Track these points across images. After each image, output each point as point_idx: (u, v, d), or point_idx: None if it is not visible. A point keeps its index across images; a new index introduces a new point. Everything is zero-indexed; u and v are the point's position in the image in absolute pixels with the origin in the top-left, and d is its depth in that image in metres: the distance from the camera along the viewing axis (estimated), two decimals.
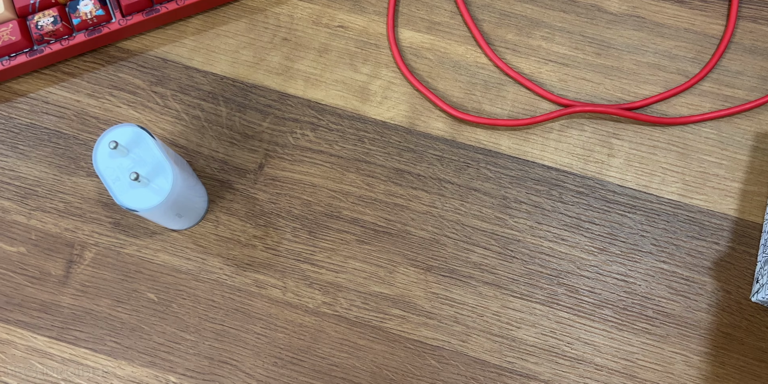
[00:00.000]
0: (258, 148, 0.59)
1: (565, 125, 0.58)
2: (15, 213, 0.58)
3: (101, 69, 0.61)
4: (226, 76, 0.61)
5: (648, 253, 0.55)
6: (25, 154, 0.60)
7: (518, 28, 0.60)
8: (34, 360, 0.56)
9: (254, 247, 0.57)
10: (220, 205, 0.58)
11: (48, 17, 0.59)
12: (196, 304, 0.56)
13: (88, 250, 0.57)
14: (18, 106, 0.61)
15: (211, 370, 0.55)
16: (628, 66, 0.59)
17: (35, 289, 0.57)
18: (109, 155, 0.51)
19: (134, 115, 0.60)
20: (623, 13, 0.60)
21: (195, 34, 0.62)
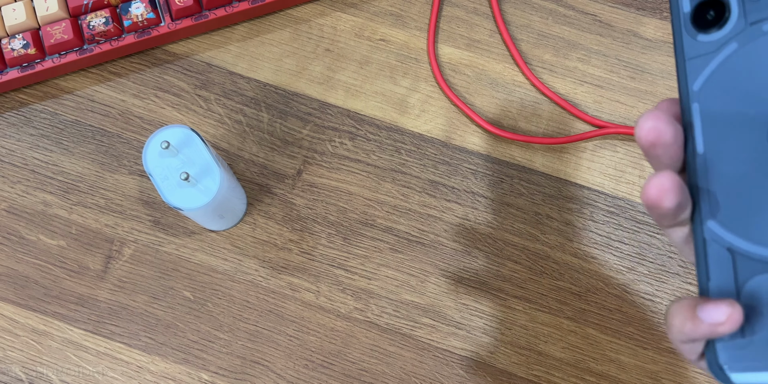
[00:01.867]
0: (297, 154, 0.60)
1: (599, 146, 0.60)
2: (57, 207, 0.60)
3: (147, 70, 0.63)
4: (269, 83, 0.62)
5: (675, 275, 0.57)
6: (69, 149, 0.61)
7: (555, 49, 0.62)
8: (69, 352, 0.57)
9: (290, 251, 0.58)
10: (258, 208, 0.59)
11: (100, 18, 0.60)
12: (231, 304, 0.57)
13: (127, 247, 0.59)
14: (64, 102, 0.62)
15: (243, 369, 0.56)
16: (661, 91, 0.60)
17: (73, 282, 0.58)
18: (159, 154, 0.52)
19: (178, 117, 0.61)
20: (658, 39, 0.62)
21: (240, 40, 0.63)
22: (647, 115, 0.31)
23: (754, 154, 0.31)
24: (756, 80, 0.31)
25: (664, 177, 0.30)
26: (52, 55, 0.61)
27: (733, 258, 0.31)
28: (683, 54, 0.33)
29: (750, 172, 0.31)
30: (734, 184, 0.32)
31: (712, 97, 0.32)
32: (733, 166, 0.32)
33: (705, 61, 0.33)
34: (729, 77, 0.32)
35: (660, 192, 0.30)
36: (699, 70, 0.33)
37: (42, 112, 0.62)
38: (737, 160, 0.32)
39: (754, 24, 0.31)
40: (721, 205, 0.32)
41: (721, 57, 0.32)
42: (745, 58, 0.32)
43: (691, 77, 0.33)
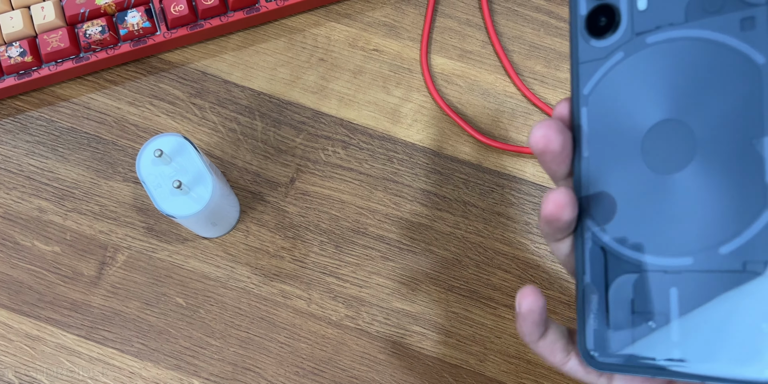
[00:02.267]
0: (290, 162, 0.61)
1: None
2: (52, 213, 0.60)
3: (143, 78, 0.63)
4: (263, 91, 0.63)
5: None
6: (65, 156, 0.61)
7: (547, 61, 0.63)
8: (62, 357, 0.57)
9: (282, 258, 0.59)
10: (251, 215, 0.60)
11: (96, 26, 0.61)
12: (223, 310, 0.58)
13: (120, 253, 0.59)
14: (60, 110, 0.63)
15: (234, 376, 0.56)
16: None
17: (67, 288, 0.59)
18: (152, 162, 0.53)
19: (172, 125, 0.62)
20: None
21: (235, 50, 0.64)
22: (540, 124, 0.33)
23: (630, 160, 0.33)
24: (634, 90, 0.34)
25: (561, 193, 0.33)
26: (49, 62, 0.62)
27: (605, 256, 0.34)
28: (577, 57, 0.35)
29: (626, 178, 0.34)
30: (612, 188, 0.34)
31: (598, 103, 0.35)
32: (611, 171, 0.34)
33: (596, 66, 0.35)
34: (613, 85, 0.34)
35: (557, 207, 0.33)
36: (590, 75, 0.35)
37: (38, 119, 0.63)
38: (616, 166, 0.34)
39: (639, 35, 0.34)
40: (599, 206, 0.34)
41: (609, 64, 0.34)
42: (628, 67, 0.34)
43: (583, 81, 0.35)
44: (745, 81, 0.31)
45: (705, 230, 0.32)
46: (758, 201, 0.30)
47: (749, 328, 0.30)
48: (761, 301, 0.30)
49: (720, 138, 0.32)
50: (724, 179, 0.31)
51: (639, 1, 0.34)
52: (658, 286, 0.33)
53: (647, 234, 0.33)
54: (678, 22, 0.33)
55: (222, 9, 0.62)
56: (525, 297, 0.35)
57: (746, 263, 0.31)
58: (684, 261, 0.32)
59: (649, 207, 0.33)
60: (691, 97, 0.32)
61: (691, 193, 0.32)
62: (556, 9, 0.63)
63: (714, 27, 0.32)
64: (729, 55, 0.32)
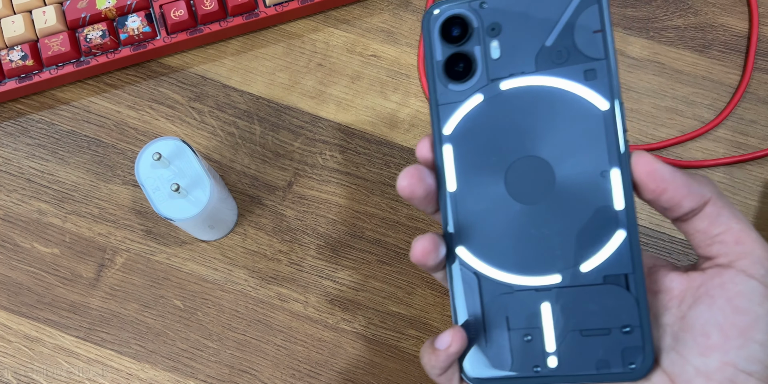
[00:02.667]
0: (288, 166, 0.61)
1: None
2: (51, 215, 0.61)
3: (142, 83, 0.64)
4: (261, 96, 0.63)
5: None
6: (65, 159, 0.62)
7: None
8: (60, 358, 0.58)
9: (279, 262, 0.59)
10: (249, 219, 0.60)
11: (97, 31, 0.62)
12: (221, 313, 0.58)
13: (119, 255, 0.60)
14: (61, 113, 0.63)
15: (231, 378, 0.57)
16: (646, 109, 0.62)
17: (66, 289, 0.59)
18: (151, 166, 0.54)
19: (172, 129, 0.62)
20: (644, 58, 0.63)
21: (234, 54, 0.64)
22: (404, 173, 0.38)
23: (495, 193, 0.38)
24: (494, 130, 0.38)
25: (426, 240, 0.37)
26: (50, 66, 0.62)
27: (479, 281, 0.38)
28: (436, 99, 0.39)
29: (493, 209, 0.38)
30: (478, 218, 0.38)
31: (459, 142, 0.39)
32: (479, 204, 0.38)
33: (454, 107, 0.39)
34: (474, 124, 0.38)
35: (423, 254, 0.37)
36: (448, 115, 0.39)
37: (39, 122, 0.63)
38: (482, 198, 0.38)
39: (494, 80, 0.38)
40: (470, 235, 0.38)
41: (467, 106, 0.38)
42: (486, 109, 0.38)
43: (443, 121, 0.39)
44: (590, 122, 0.36)
45: (567, 251, 0.37)
46: (609, 223, 0.36)
47: (609, 332, 0.36)
48: (616, 309, 0.36)
49: (573, 171, 0.37)
50: (580, 206, 0.36)
51: (492, 51, 0.38)
52: (530, 303, 0.37)
53: (516, 257, 0.37)
54: (529, 71, 0.37)
55: (221, 14, 0.62)
56: (457, 340, 0.37)
57: (605, 277, 0.36)
58: (552, 279, 0.37)
59: (516, 234, 0.37)
60: (546, 136, 0.37)
61: (552, 219, 0.37)
62: None
63: (562, 76, 0.37)
64: (575, 101, 0.37)
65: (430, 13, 0.39)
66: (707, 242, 0.36)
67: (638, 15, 0.64)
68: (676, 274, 0.37)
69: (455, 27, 0.39)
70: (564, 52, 0.37)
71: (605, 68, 0.36)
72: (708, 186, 0.36)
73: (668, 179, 0.35)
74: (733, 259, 0.35)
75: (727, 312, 0.34)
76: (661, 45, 0.63)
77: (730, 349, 0.34)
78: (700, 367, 0.34)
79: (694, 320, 0.35)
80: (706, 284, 0.35)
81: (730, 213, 0.36)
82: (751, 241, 0.35)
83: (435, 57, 0.39)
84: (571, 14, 0.37)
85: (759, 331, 0.34)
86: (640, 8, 0.64)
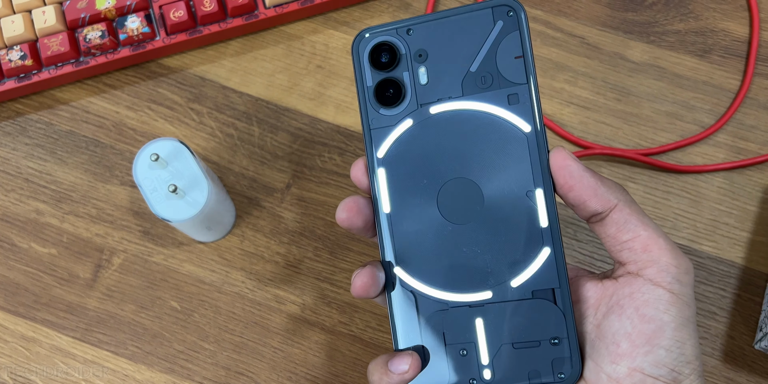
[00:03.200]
0: (287, 168, 0.61)
1: None
2: (49, 215, 0.61)
3: (141, 83, 0.64)
4: (260, 97, 0.63)
5: None
6: (63, 159, 0.62)
7: (543, 70, 0.63)
8: (57, 359, 0.58)
9: (276, 264, 0.59)
10: (247, 220, 0.60)
11: (96, 31, 0.61)
12: (217, 315, 0.58)
13: (116, 256, 0.60)
14: (60, 113, 0.63)
15: (228, 380, 0.57)
16: (646, 113, 0.61)
17: (63, 290, 0.59)
18: (149, 166, 0.54)
19: (170, 130, 0.62)
20: (645, 62, 0.63)
21: (234, 55, 0.64)
22: (343, 205, 0.40)
23: (428, 214, 0.39)
24: (425, 153, 0.40)
25: (365, 275, 0.39)
26: (49, 66, 0.62)
27: (416, 299, 0.40)
28: (368, 124, 0.41)
29: (423, 229, 0.39)
30: (413, 238, 0.40)
31: (393, 164, 0.40)
32: (410, 224, 0.40)
33: (387, 131, 0.40)
34: (405, 148, 0.40)
35: (364, 289, 0.39)
36: (382, 140, 0.40)
37: (37, 122, 0.63)
38: (414, 218, 0.40)
39: (423, 105, 0.40)
40: (405, 255, 0.40)
41: (399, 130, 0.40)
42: (417, 133, 0.40)
43: (376, 145, 0.40)
44: (515, 144, 0.38)
45: (497, 268, 0.39)
46: (537, 241, 0.38)
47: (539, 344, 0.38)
48: (545, 322, 0.38)
49: (500, 191, 0.39)
50: (508, 225, 0.39)
51: (421, 76, 0.40)
52: (464, 319, 0.39)
53: (450, 275, 0.39)
54: (456, 96, 0.39)
55: (221, 15, 0.62)
56: (414, 367, 0.38)
57: (533, 292, 0.38)
58: (484, 295, 0.39)
59: (450, 253, 0.39)
60: (474, 158, 0.39)
61: (482, 238, 0.39)
62: (553, 19, 0.64)
63: (487, 100, 0.39)
64: (501, 123, 0.39)
65: (358, 40, 0.41)
66: (617, 248, 0.38)
67: (639, 19, 0.64)
68: (593, 284, 0.39)
69: (384, 53, 0.40)
70: (488, 77, 0.39)
71: (527, 92, 0.38)
72: (617, 192, 0.38)
73: (576, 177, 0.37)
74: (641, 266, 0.37)
75: (635, 320, 0.36)
76: (661, 49, 0.63)
77: (638, 355, 0.36)
78: (611, 373, 0.36)
79: (606, 329, 0.37)
80: (617, 293, 0.37)
81: (638, 220, 0.38)
82: (658, 248, 0.37)
83: (366, 83, 0.41)
84: (494, 41, 0.39)
85: (664, 338, 0.36)
86: (641, 12, 0.64)
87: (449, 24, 0.39)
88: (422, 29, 0.40)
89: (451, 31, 0.39)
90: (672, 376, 0.36)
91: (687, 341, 0.36)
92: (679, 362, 0.36)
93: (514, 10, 0.39)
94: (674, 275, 0.37)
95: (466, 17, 0.39)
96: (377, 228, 0.40)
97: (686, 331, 0.36)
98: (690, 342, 0.36)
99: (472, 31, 0.39)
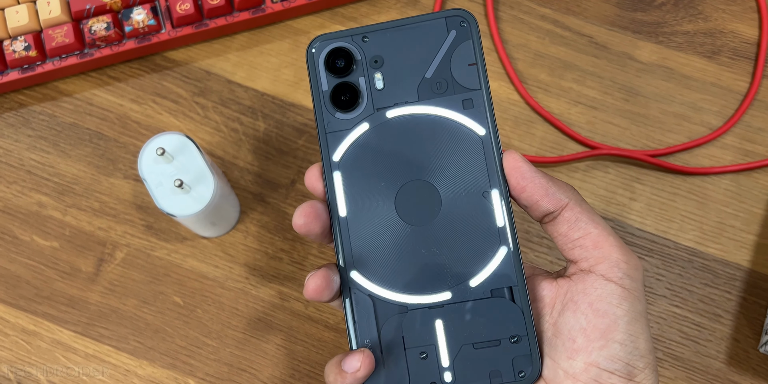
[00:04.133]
0: (291, 164, 0.61)
1: (591, 166, 0.60)
2: (51, 208, 0.60)
3: (146, 76, 0.63)
4: (266, 92, 0.63)
5: (662, 297, 0.57)
6: (66, 152, 0.61)
7: (551, 69, 0.63)
8: (58, 353, 0.57)
9: (280, 260, 0.59)
10: (251, 216, 0.60)
11: (101, 23, 0.61)
12: (221, 310, 0.58)
13: (119, 250, 0.59)
14: (63, 105, 0.62)
15: (230, 376, 0.56)
16: (654, 114, 0.61)
17: (65, 283, 0.58)
18: (154, 161, 0.53)
19: (174, 123, 0.62)
20: (653, 63, 0.63)
21: (240, 50, 0.64)
22: (299, 211, 0.39)
23: (385, 216, 0.40)
24: (382, 156, 0.40)
25: (318, 278, 0.38)
26: (53, 57, 0.62)
27: (373, 303, 0.39)
28: (324, 127, 0.41)
29: (381, 232, 0.40)
30: (370, 241, 0.40)
31: (349, 168, 0.40)
32: (370, 227, 0.40)
33: (343, 135, 0.41)
34: (362, 151, 0.40)
35: (317, 291, 0.38)
36: (337, 143, 0.40)
37: (40, 114, 0.62)
38: (373, 222, 0.40)
39: (379, 110, 0.40)
40: (362, 258, 0.40)
41: (355, 133, 0.40)
42: (373, 136, 0.40)
43: (332, 148, 0.41)
44: (470, 147, 0.39)
45: (456, 268, 0.39)
46: (493, 241, 0.39)
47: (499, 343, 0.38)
48: (504, 320, 0.38)
49: (457, 193, 0.39)
50: (465, 225, 0.39)
51: (377, 82, 0.41)
52: (423, 321, 0.39)
53: (409, 278, 0.39)
54: (412, 100, 0.40)
55: (228, 9, 0.62)
56: (366, 365, 0.38)
57: (492, 291, 0.39)
58: (443, 296, 0.39)
59: (408, 255, 0.39)
60: (431, 161, 0.40)
61: (441, 239, 0.39)
62: (561, 18, 0.64)
63: (442, 105, 0.40)
64: (456, 127, 0.40)
65: (313, 45, 0.41)
66: (569, 246, 0.39)
67: (648, 19, 0.63)
68: (547, 283, 0.40)
69: (339, 59, 0.41)
70: (443, 83, 0.40)
71: (481, 97, 0.40)
72: (567, 192, 0.39)
73: (528, 178, 0.38)
74: (592, 263, 0.38)
75: (589, 316, 0.37)
76: (670, 50, 0.63)
77: (593, 350, 0.36)
78: (568, 369, 0.37)
79: (562, 326, 0.38)
80: (571, 290, 0.38)
81: (588, 218, 0.39)
82: (609, 245, 0.38)
83: (321, 87, 0.41)
84: (447, 48, 0.40)
85: (618, 331, 0.36)
86: (650, 12, 0.63)
87: (405, 32, 0.41)
88: (378, 36, 0.41)
89: (406, 38, 0.40)
90: (627, 370, 0.36)
91: (640, 335, 0.37)
92: (634, 356, 0.36)
93: (467, 21, 0.40)
94: (624, 271, 0.37)
95: (421, 26, 0.40)
96: (333, 231, 0.40)
97: (639, 325, 0.37)
98: (643, 336, 0.37)
99: (426, 39, 0.40)
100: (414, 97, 0.40)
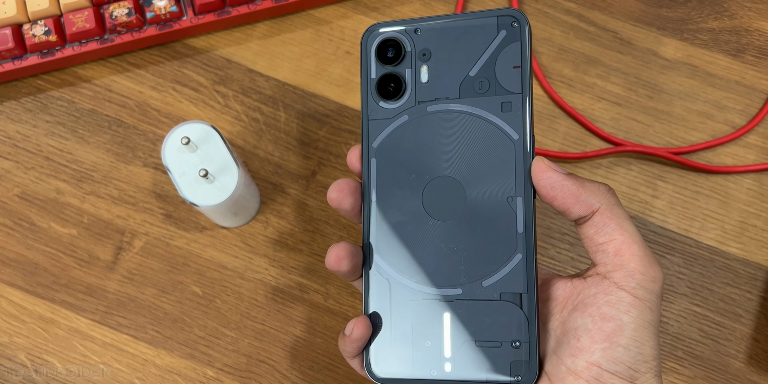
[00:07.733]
0: (312, 155, 0.60)
1: (614, 163, 0.60)
2: (69, 195, 0.60)
3: (166, 63, 0.63)
4: (287, 82, 0.62)
5: (682, 295, 0.57)
6: (84, 138, 0.61)
7: (575, 64, 0.62)
8: (75, 341, 0.57)
9: (300, 252, 0.58)
10: (271, 207, 0.59)
11: (123, 8, 0.60)
12: (240, 301, 0.57)
13: (138, 239, 0.59)
14: (82, 91, 0.62)
15: (249, 367, 0.56)
16: (678, 111, 0.61)
17: (83, 271, 0.58)
18: (178, 150, 0.53)
19: (195, 112, 0.61)
20: (678, 60, 0.62)
21: (261, 38, 0.63)
22: (335, 185, 0.41)
23: (412, 207, 0.41)
24: (417, 148, 0.41)
25: (340, 247, 0.41)
26: (73, 43, 0.61)
27: (390, 286, 0.41)
28: (367, 114, 0.42)
29: (408, 221, 0.41)
30: (394, 227, 0.41)
31: (385, 156, 0.42)
32: (396, 215, 0.41)
33: (384, 124, 0.42)
34: (399, 142, 0.41)
35: (337, 259, 0.40)
36: (378, 131, 0.42)
37: (59, 100, 0.62)
38: (398, 209, 0.41)
39: (421, 103, 0.41)
40: (386, 243, 0.41)
41: (396, 124, 0.42)
42: (412, 128, 0.41)
43: (372, 135, 0.42)
44: (503, 151, 0.40)
45: (470, 267, 0.40)
46: (511, 246, 0.39)
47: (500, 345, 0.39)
48: (508, 324, 0.39)
49: (484, 194, 0.40)
50: (485, 227, 0.40)
51: (422, 75, 0.41)
52: (433, 311, 0.40)
53: (425, 269, 0.41)
54: (453, 97, 0.41)
55: None
56: (358, 327, 0.40)
57: (502, 294, 0.39)
58: (455, 291, 0.40)
59: (427, 246, 0.41)
60: (462, 159, 0.40)
61: (461, 236, 0.40)
62: (586, 13, 0.63)
63: (481, 105, 0.40)
64: (492, 129, 0.40)
65: (368, 34, 0.42)
66: (593, 249, 0.39)
67: (673, 16, 0.63)
68: (563, 283, 0.41)
69: (390, 49, 0.42)
70: (485, 82, 0.40)
71: (520, 102, 0.40)
72: (599, 196, 0.39)
73: (557, 187, 0.39)
74: (609, 269, 0.38)
75: (596, 318, 0.38)
76: (695, 47, 0.62)
77: (596, 351, 0.37)
78: (570, 366, 0.38)
79: (570, 325, 0.38)
80: (583, 292, 0.39)
81: (617, 224, 0.39)
82: (630, 254, 0.38)
83: (370, 75, 0.42)
84: (495, 48, 0.40)
85: (623, 336, 0.37)
86: (675, 9, 0.63)
87: (456, 28, 0.41)
88: (429, 30, 0.41)
89: (456, 34, 0.41)
90: (629, 373, 0.37)
91: (646, 342, 0.37)
92: (637, 360, 0.37)
93: (519, 22, 0.40)
94: (639, 281, 0.38)
95: (473, 23, 0.41)
96: (363, 214, 0.42)
97: (646, 333, 0.37)
98: (649, 343, 0.37)
99: (476, 37, 0.40)
100: (455, 94, 0.41)
